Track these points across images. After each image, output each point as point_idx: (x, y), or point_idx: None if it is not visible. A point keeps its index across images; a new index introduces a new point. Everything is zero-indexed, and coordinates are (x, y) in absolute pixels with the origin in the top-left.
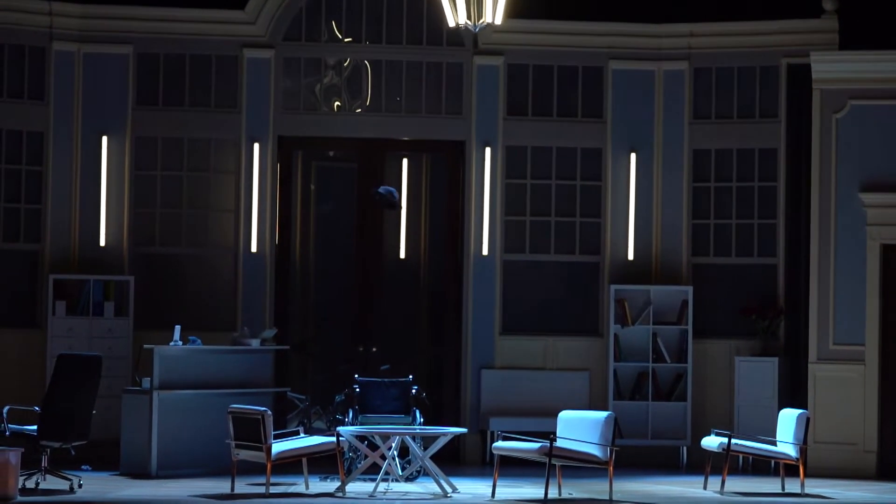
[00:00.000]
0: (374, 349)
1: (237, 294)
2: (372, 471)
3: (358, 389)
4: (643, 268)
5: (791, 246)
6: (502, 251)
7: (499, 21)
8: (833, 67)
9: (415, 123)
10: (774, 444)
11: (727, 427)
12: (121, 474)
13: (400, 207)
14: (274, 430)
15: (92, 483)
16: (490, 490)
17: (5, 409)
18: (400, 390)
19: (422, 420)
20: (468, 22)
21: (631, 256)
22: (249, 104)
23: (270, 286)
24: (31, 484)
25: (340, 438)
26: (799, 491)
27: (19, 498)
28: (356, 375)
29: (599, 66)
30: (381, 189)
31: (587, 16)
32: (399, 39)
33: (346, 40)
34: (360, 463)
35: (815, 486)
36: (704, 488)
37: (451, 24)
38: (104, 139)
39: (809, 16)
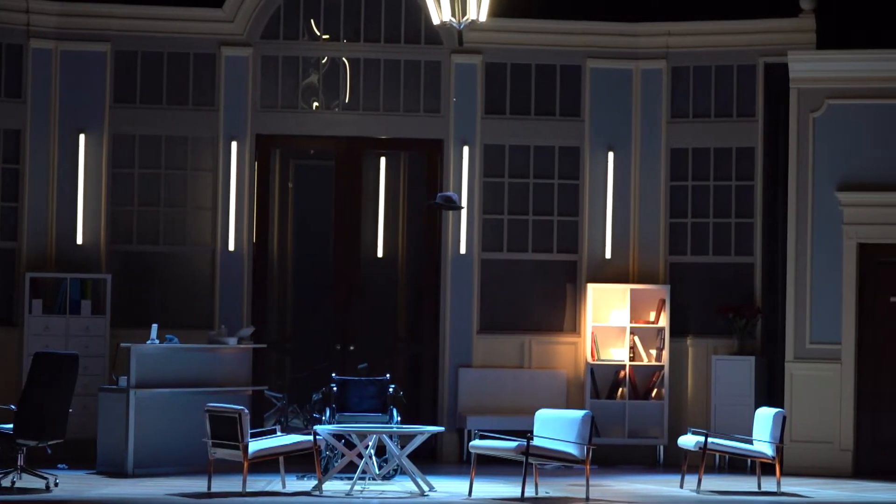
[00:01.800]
0: (352, 348)
1: (215, 292)
2: (349, 469)
3: (335, 388)
4: (620, 267)
5: (768, 245)
6: (480, 250)
7: (483, 18)
8: (810, 67)
9: (393, 122)
10: (751, 442)
11: (704, 426)
12: (97, 473)
13: (461, 207)
14: (251, 429)
15: (68, 482)
16: (467, 488)
17: None
18: (377, 389)
19: (399, 419)
20: (452, 19)
21: (608, 255)
22: (227, 102)
23: (248, 284)
24: (6, 483)
25: (317, 437)
26: (775, 489)
27: None
28: (333, 374)
29: (577, 64)
30: (439, 198)
31: (565, 15)
32: (377, 38)
33: (323, 38)
34: (337, 461)
35: (791, 485)
36: (681, 487)
37: (436, 21)
38: (82, 137)
39: (787, 15)
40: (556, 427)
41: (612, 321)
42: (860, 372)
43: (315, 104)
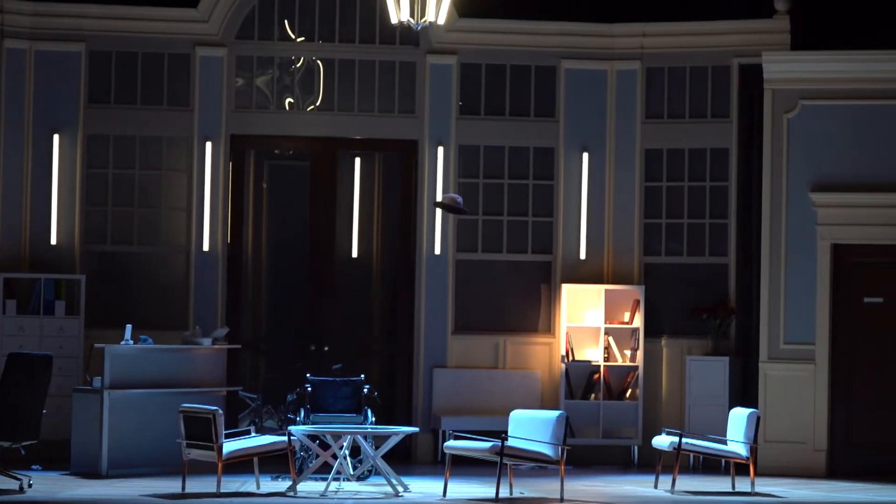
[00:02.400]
0: (326, 348)
1: (189, 293)
2: (323, 470)
3: (310, 388)
4: (595, 267)
5: (742, 245)
6: (455, 250)
7: (442, 21)
8: (784, 68)
9: (367, 122)
10: (725, 443)
11: (678, 426)
12: (71, 474)
13: (466, 212)
14: (225, 430)
15: (42, 483)
16: (441, 489)
17: None
18: (352, 389)
19: (373, 419)
20: (411, 20)
21: (583, 256)
22: (202, 103)
23: (222, 285)
24: None
25: (292, 438)
26: (749, 490)
27: None
28: (308, 374)
29: (552, 65)
30: (445, 198)
31: (540, 15)
32: (352, 38)
33: (298, 39)
34: (311, 462)
35: (765, 485)
36: (655, 487)
37: (394, 20)
38: (56, 137)
39: (761, 16)
40: (531, 427)
41: (586, 321)
42: (834, 372)
43: (290, 104)
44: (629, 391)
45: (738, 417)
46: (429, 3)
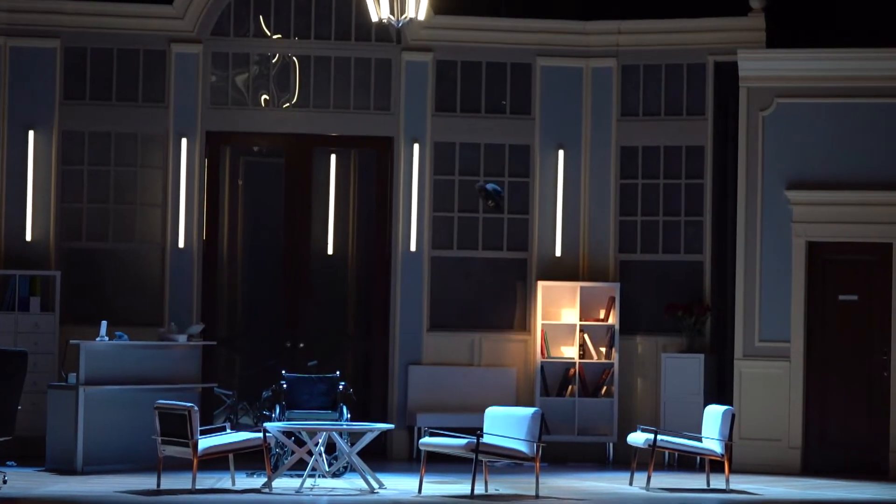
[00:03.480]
0: (302, 345)
1: (164, 289)
2: (299, 467)
3: (285, 385)
4: (571, 264)
5: (717, 243)
6: (430, 247)
7: (422, 17)
8: (760, 65)
9: (343, 119)
10: (700, 440)
11: (653, 423)
12: (46, 470)
13: (500, 204)
14: (200, 426)
15: (17, 479)
16: (417, 486)
17: None
18: (327, 386)
19: (349, 416)
20: (391, 17)
21: (558, 253)
22: (177, 99)
23: (197, 281)
24: None
25: (267, 434)
26: (724, 487)
27: None
28: (283, 371)
29: (528, 62)
30: (488, 186)
31: (516, 13)
32: (327, 35)
33: (274, 36)
34: (286, 459)
35: (740, 482)
36: (630, 484)
37: (374, 18)
38: (31, 133)
39: (737, 14)
40: (506, 424)
41: (562, 319)
42: (809, 370)
43: (265, 100)
44: (604, 388)
45: (713, 415)
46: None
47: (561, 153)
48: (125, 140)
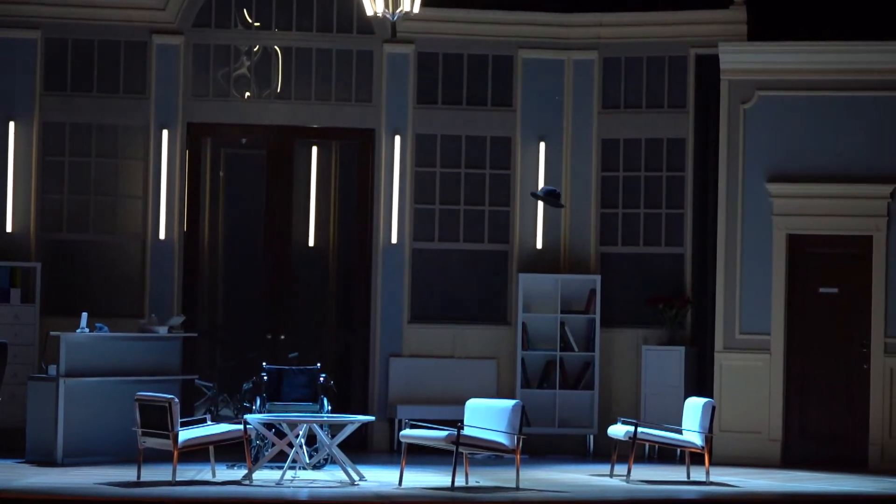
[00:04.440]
0: (283, 337)
1: (145, 281)
2: (279, 458)
3: (266, 377)
4: (551, 257)
5: (698, 235)
6: (411, 239)
7: (416, 10)
8: (741, 58)
9: (324, 111)
10: (680, 432)
11: (634, 415)
12: (26, 462)
13: (559, 199)
14: (181, 418)
15: None
16: (398, 478)
17: None
18: (308, 378)
19: (329, 408)
20: (386, 11)
21: (539, 245)
22: (158, 90)
23: (178, 273)
24: None
25: (248, 426)
26: (704, 479)
27: None
28: (264, 363)
29: (509, 55)
30: (541, 192)
31: (497, 5)
32: (309, 27)
33: (255, 27)
34: (267, 451)
35: (720, 475)
36: (611, 476)
37: (369, 12)
38: (11, 125)
39: (718, 6)
40: (487, 416)
41: (542, 311)
42: (789, 362)
43: (246, 92)
44: (585, 380)
45: (694, 407)
46: None
47: (542, 145)
48: (106, 131)
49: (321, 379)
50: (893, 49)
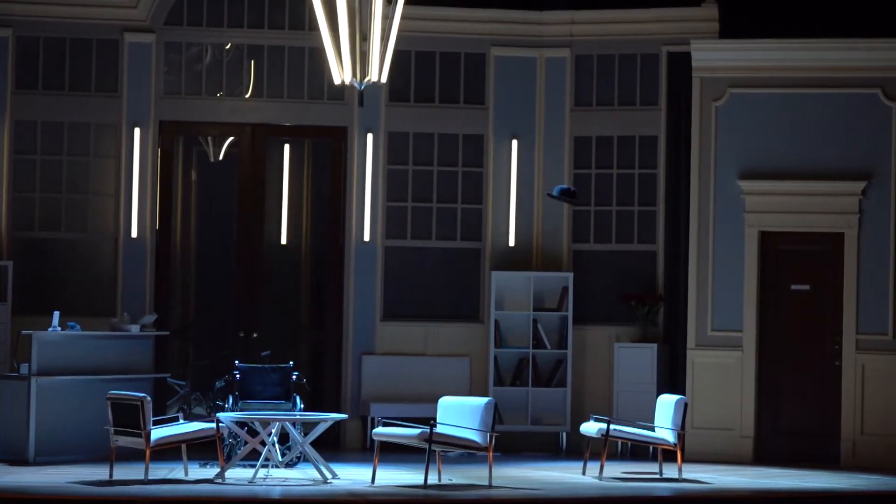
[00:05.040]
0: (255, 335)
1: (117, 279)
2: (252, 457)
3: (238, 375)
4: (524, 254)
5: (670, 233)
6: (384, 237)
7: (384, 80)
8: (713, 56)
9: (297, 109)
10: (653, 429)
11: (606, 413)
12: None
13: (575, 197)
14: (153, 417)
15: None
16: (370, 476)
17: None
18: (280, 376)
19: (302, 406)
20: (354, 80)
21: (512, 243)
22: (130, 89)
23: (150, 271)
24: None
25: (220, 424)
26: (677, 476)
27: None
28: (236, 361)
29: (481, 52)
30: (555, 192)
31: (469, 2)
32: (281, 25)
33: (227, 25)
34: (239, 449)
35: (692, 472)
36: (583, 473)
37: (337, 81)
38: None
39: (690, 4)
40: (460, 414)
41: (515, 308)
42: (761, 359)
43: (219, 90)
44: (557, 378)
45: (666, 404)
46: (370, 62)
47: (515, 143)
48: (78, 129)
49: (294, 377)
50: (864, 46)
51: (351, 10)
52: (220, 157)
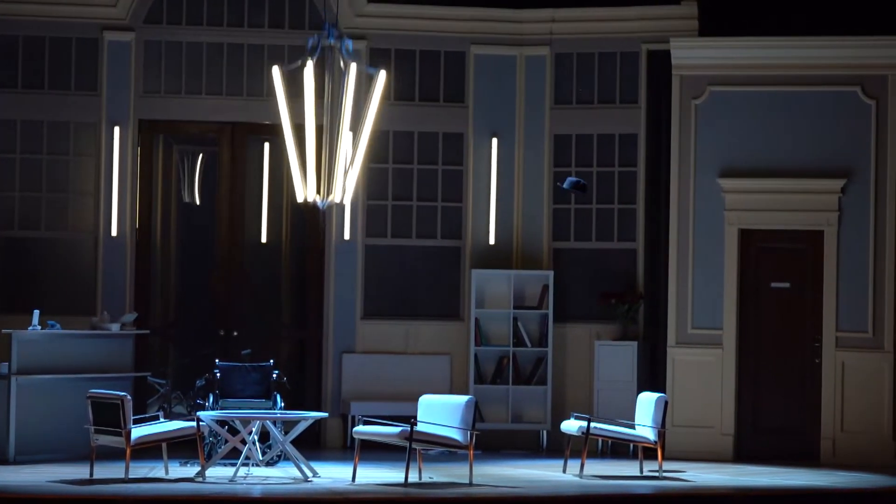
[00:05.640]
0: (235, 334)
1: (97, 278)
2: (232, 455)
3: (219, 374)
4: (504, 252)
5: (650, 231)
6: (364, 235)
7: (347, 202)
8: (692, 54)
9: (277, 107)
10: (633, 427)
11: (587, 411)
12: None
13: (585, 189)
14: (133, 415)
15: None
16: (351, 474)
17: None
18: (261, 375)
19: (282, 404)
20: (317, 198)
21: (492, 241)
22: (110, 87)
23: (131, 270)
24: None
25: (201, 423)
26: (657, 474)
27: None
28: (217, 360)
29: (462, 51)
30: (566, 185)
31: (449, 0)
32: (261, 23)
33: (207, 24)
34: (220, 448)
35: (673, 469)
36: (564, 471)
37: (300, 198)
38: None
39: (669, 2)
40: (440, 412)
41: (495, 307)
42: (741, 357)
43: (198, 89)
44: (538, 376)
45: (647, 402)
46: (335, 182)
47: (495, 141)
48: (57, 128)
49: (274, 376)
50: (844, 44)
51: (318, 136)
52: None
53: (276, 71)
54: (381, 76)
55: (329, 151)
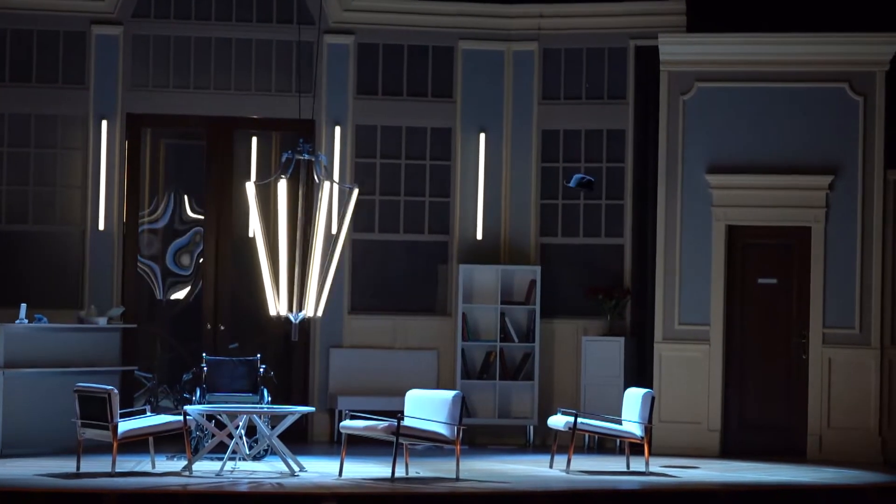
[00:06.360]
0: (222, 328)
1: (84, 272)
2: (219, 450)
3: (205, 368)
4: (492, 248)
5: (638, 227)
6: (351, 230)
7: (320, 314)
8: (680, 49)
9: (264, 102)
10: (620, 423)
11: (574, 406)
12: None
13: (592, 187)
14: (120, 409)
15: None
16: (338, 468)
17: None
18: (248, 369)
19: (269, 399)
20: (290, 313)
21: (480, 236)
22: (97, 81)
23: (118, 264)
24: None
25: (187, 417)
26: (644, 469)
27: None
28: (204, 354)
29: (450, 45)
30: (573, 182)
31: None
32: (249, 17)
33: (195, 18)
34: (207, 442)
35: (660, 465)
36: (550, 467)
37: (273, 312)
38: None
39: None
40: (427, 407)
41: (482, 302)
42: (728, 353)
43: (186, 83)
44: (525, 371)
45: (633, 397)
46: (307, 298)
47: (482, 136)
48: (45, 122)
49: (261, 370)
50: (832, 41)
51: (291, 256)
52: (188, 150)
53: (249, 186)
54: (355, 194)
55: (301, 268)
